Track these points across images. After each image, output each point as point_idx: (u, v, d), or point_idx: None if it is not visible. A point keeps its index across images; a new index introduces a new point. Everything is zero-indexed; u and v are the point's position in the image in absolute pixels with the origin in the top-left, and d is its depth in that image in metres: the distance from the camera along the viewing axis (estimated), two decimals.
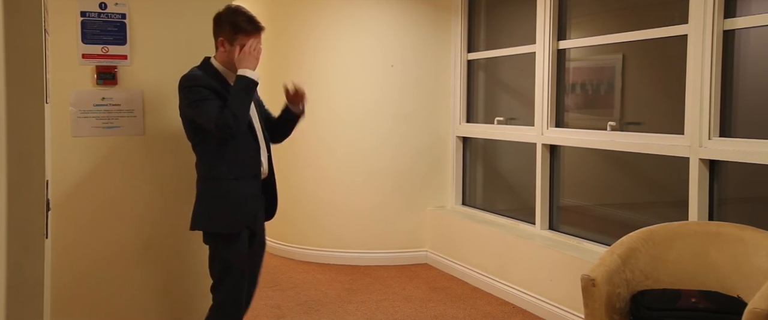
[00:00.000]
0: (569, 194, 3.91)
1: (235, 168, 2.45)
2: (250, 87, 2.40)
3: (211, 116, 2.33)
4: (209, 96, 2.38)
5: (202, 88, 2.38)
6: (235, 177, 2.46)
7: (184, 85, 2.42)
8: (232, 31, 2.43)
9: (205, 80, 2.41)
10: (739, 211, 2.88)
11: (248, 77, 2.40)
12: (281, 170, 5.03)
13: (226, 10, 2.47)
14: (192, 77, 2.43)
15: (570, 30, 3.83)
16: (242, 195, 2.47)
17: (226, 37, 2.45)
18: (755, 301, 1.97)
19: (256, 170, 2.51)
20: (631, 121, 3.53)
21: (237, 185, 2.46)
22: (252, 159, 2.50)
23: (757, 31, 2.77)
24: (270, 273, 4.53)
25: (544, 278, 3.67)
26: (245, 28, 2.43)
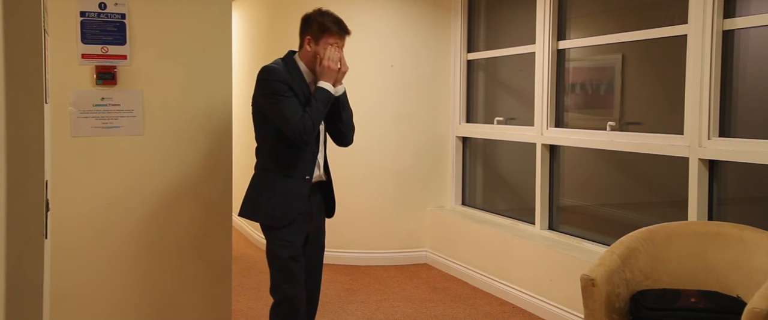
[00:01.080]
0: (569, 194, 3.91)
1: (289, 166, 2.48)
2: (329, 101, 2.44)
3: (287, 119, 2.35)
4: (288, 94, 2.38)
5: (282, 83, 2.39)
6: (288, 174, 2.48)
7: (265, 77, 2.42)
8: (319, 31, 2.48)
9: (285, 75, 2.42)
10: (738, 211, 2.88)
11: (328, 91, 2.44)
12: None
13: (316, 11, 2.53)
14: (274, 71, 2.42)
15: (570, 30, 3.83)
16: (291, 192, 2.48)
17: (313, 35, 2.49)
18: (755, 301, 1.97)
19: (309, 172, 2.51)
20: (630, 121, 3.53)
21: (287, 182, 2.48)
22: (307, 162, 2.50)
23: (756, 31, 2.77)
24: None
25: (543, 278, 3.67)
26: (331, 28, 2.47)
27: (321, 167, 2.57)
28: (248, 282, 4.31)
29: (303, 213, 2.51)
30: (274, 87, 2.38)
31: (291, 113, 2.35)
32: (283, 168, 2.48)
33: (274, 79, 2.40)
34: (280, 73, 2.41)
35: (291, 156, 2.47)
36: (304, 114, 2.36)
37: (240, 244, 5.44)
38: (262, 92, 2.44)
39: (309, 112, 2.37)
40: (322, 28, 2.47)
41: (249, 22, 5.62)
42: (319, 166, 2.56)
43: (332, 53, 2.45)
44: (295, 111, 2.36)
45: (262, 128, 2.52)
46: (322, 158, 2.57)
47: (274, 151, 2.49)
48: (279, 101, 2.37)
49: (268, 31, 5.17)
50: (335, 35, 2.48)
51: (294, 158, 2.47)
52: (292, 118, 2.34)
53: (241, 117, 5.65)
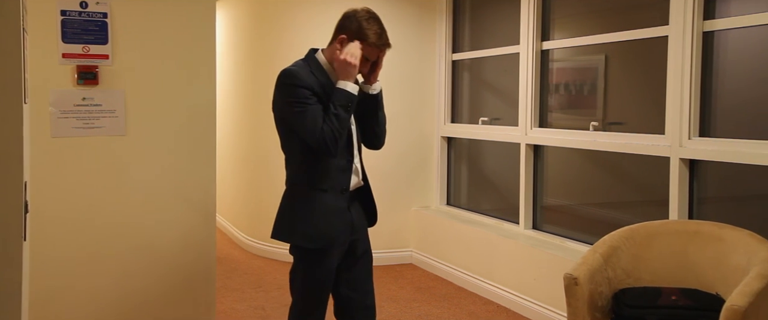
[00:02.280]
0: (553, 193, 3.94)
1: (322, 179, 2.18)
2: (351, 103, 2.13)
3: (310, 129, 2.08)
4: (311, 101, 2.10)
5: (304, 89, 2.11)
6: (323, 188, 2.18)
7: (286, 82, 2.14)
8: (356, 35, 2.18)
9: (308, 79, 2.14)
10: (718, 210, 2.92)
11: (348, 92, 2.13)
12: (265, 170, 5.04)
13: (363, 12, 2.22)
14: (295, 75, 2.14)
15: (553, 31, 3.86)
16: (328, 208, 2.18)
17: (349, 36, 2.18)
18: (733, 298, 2.00)
19: (346, 183, 2.22)
20: (613, 121, 3.56)
21: (323, 196, 2.17)
22: (342, 171, 2.21)
23: (735, 32, 2.81)
24: (254, 275, 4.51)
25: (527, 277, 3.70)
26: (369, 39, 2.17)
27: (359, 173, 2.29)
28: (232, 283, 4.29)
29: (343, 230, 2.22)
30: (296, 93, 2.10)
31: (314, 122, 2.08)
32: (316, 181, 2.18)
33: (296, 83, 2.11)
34: (303, 77, 2.13)
35: (323, 166, 2.17)
36: (325, 124, 2.08)
37: (224, 245, 5.41)
38: (282, 98, 2.16)
39: (329, 120, 2.08)
40: (361, 34, 2.17)
41: (233, 22, 5.59)
42: (357, 172, 2.28)
43: (352, 48, 2.14)
44: (316, 120, 2.09)
45: (288, 137, 2.22)
46: (358, 163, 2.29)
47: (303, 162, 2.19)
48: (302, 108, 2.09)
49: (253, 31, 5.15)
50: (371, 47, 2.17)
51: (327, 168, 2.17)
52: (316, 128, 2.07)
53: (226, 117, 5.62)
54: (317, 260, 2.18)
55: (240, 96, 5.39)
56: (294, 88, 2.11)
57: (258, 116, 5.09)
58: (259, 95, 5.06)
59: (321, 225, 2.17)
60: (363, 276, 2.34)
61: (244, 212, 5.38)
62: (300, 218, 2.18)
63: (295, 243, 2.21)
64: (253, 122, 5.15)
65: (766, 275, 2.11)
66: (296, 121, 2.11)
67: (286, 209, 2.22)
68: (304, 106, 2.10)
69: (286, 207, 2.23)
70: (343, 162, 2.21)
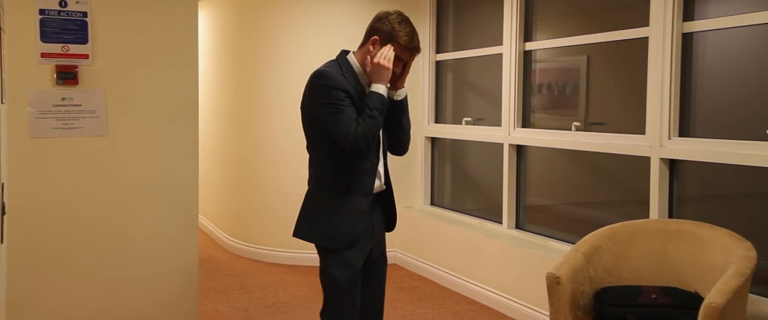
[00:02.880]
0: (535, 193, 3.96)
1: (347, 181, 2.20)
2: (384, 106, 2.15)
3: (344, 131, 2.07)
4: (345, 104, 2.10)
5: (338, 91, 2.10)
6: (346, 190, 2.20)
7: (319, 83, 2.14)
8: (389, 37, 2.17)
9: (341, 81, 2.13)
10: (697, 209, 2.95)
11: (381, 95, 2.14)
12: (248, 171, 5.01)
13: (395, 14, 2.21)
14: (328, 76, 2.13)
15: (536, 32, 3.89)
16: (351, 210, 2.20)
17: (382, 38, 2.18)
18: (712, 296, 2.03)
19: (369, 186, 2.23)
20: (595, 121, 3.59)
21: (347, 198, 2.20)
22: (367, 174, 2.22)
23: (713, 34, 2.85)
24: (237, 276, 4.48)
25: (510, 276, 3.71)
26: (401, 40, 2.16)
27: (382, 177, 2.30)
28: (215, 284, 4.27)
29: (365, 232, 2.25)
30: (330, 95, 2.10)
31: (348, 124, 2.08)
32: (341, 182, 2.20)
33: (330, 85, 2.11)
34: (337, 79, 2.13)
35: (349, 168, 2.18)
36: (358, 125, 2.08)
37: (207, 246, 5.38)
38: (316, 100, 2.15)
39: (363, 122, 2.09)
40: (393, 36, 2.16)
41: (216, 21, 5.56)
42: (380, 177, 2.29)
43: (387, 51, 2.15)
44: (351, 122, 2.09)
45: (315, 137, 2.22)
46: (382, 167, 2.30)
47: (329, 163, 2.20)
48: (336, 110, 2.09)
49: (236, 31, 5.12)
50: (403, 50, 2.17)
51: (353, 170, 2.19)
52: (349, 130, 2.07)
53: (209, 118, 5.59)
54: (339, 260, 2.20)
55: (224, 96, 5.36)
56: (328, 89, 2.11)
57: (242, 117, 5.06)
58: (244, 95, 5.03)
59: (343, 226, 2.19)
60: (378, 279, 2.39)
61: (228, 213, 5.35)
62: (323, 219, 2.21)
63: (316, 243, 2.24)
64: (237, 122, 5.13)
65: (743, 273, 2.14)
66: (330, 122, 2.11)
67: (309, 208, 2.25)
68: (339, 107, 2.09)
69: (309, 206, 2.25)
70: (369, 165, 2.21)
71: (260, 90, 4.88)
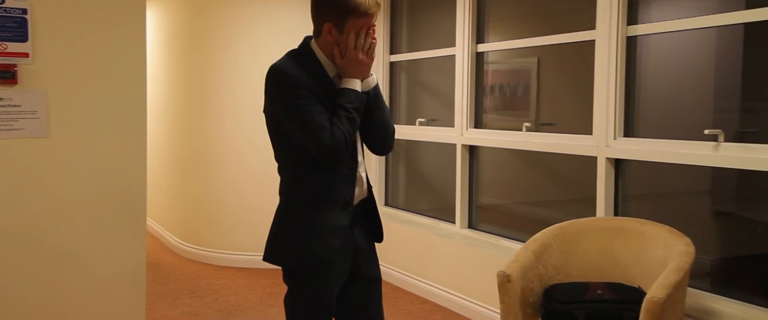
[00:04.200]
0: (488, 193, 4.02)
1: (322, 191, 1.88)
2: (362, 104, 1.86)
3: (313, 135, 1.77)
4: (310, 101, 1.79)
5: (300, 87, 1.80)
6: (322, 202, 1.87)
7: (276, 79, 1.83)
8: (341, 13, 1.82)
9: (301, 77, 1.81)
10: (640, 207, 3.05)
11: (356, 92, 1.84)
12: (200, 173, 4.92)
13: None
14: (286, 73, 1.82)
15: (488, 33, 3.94)
16: (326, 225, 1.87)
17: (334, 21, 1.83)
18: (653, 291, 2.10)
19: (348, 195, 1.90)
20: (545, 122, 3.67)
21: (322, 213, 1.87)
22: (345, 181, 1.90)
23: (655, 37, 2.95)
24: (187, 280, 4.39)
25: (463, 276, 3.76)
26: (359, 7, 1.80)
27: (363, 183, 1.97)
28: (164, 289, 4.17)
29: (344, 251, 1.90)
30: (290, 93, 1.80)
31: (317, 126, 1.77)
32: (314, 192, 1.87)
33: (289, 82, 1.80)
34: (296, 74, 1.81)
35: (323, 176, 1.86)
36: (333, 127, 1.77)
37: (156, 250, 5.25)
38: (274, 100, 1.86)
39: (341, 124, 1.78)
40: (346, 8, 1.80)
41: (165, 20, 5.43)
42: (361, 183, 1.95)
43: (363, 41, 1.84)
44: (322, 124, 1.77)
45: (281, 142, 1.92)
46: (363, 171, 1.98)
47: (299, 172, 1.89)
48: (299, 111, 1.78)
49: (187, 31, 5.02)
50: (365, 16, 1.82)
51: (328, 178, 1.86)
52: (320, 133, 1.76)
53: (159, 119, 5.46)
54: (312, 285, 1.87)
55: (174, 96, 5.24)
56: (288, 87, 1.81)
57: (193, 118, 4.96)
58: (195, 96, 4.94)
59: (315, 245, 1.86)
60: (368, 303, 2.03)
61: (178, 216, 5.24)
62: (293, 237, 1.88)
63: (286, 266, 1.90)
64: (188, 123, 5.02)
65: (682, 268, 2.22)
66: (295, 125, 1.81)
67: (279, 227, 1.93)
68: (305, 107, 1.78)
69: (278, 225, 1.93)
70: (346, 171, 1.89)
71: (213, 90, 4.80)
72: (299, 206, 1.89)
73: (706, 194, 2.95)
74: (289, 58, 1.90)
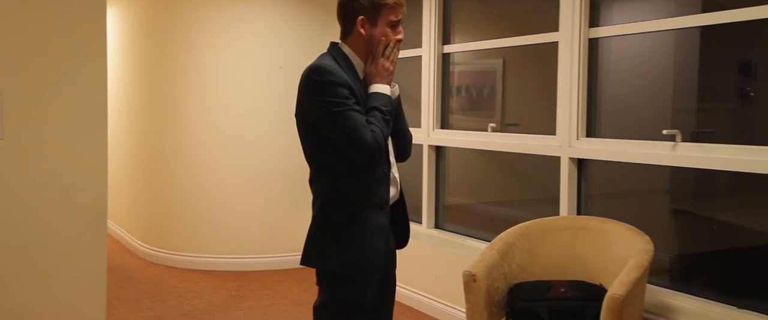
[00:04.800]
0: (454, 193, 4.05)
1: (362, 193, 1.88)
2: (393, 107, 1.91)
3: (357, 137, 1.77)
4: (352, 103, 1.80)
5: (342, 87, 1.79)
6: (363, 204, 1.88)
7: (319, 79, 1.80)
8: (373, 6, 1.87)
9: (344, 76, 1.82)
10: (602, 205, 3.11)
11: (388, 96, 1.88)
12: (164, 175, 4.83)
13: None
14: (328, 70, 1.81)
15: (454, 35, 3.97)
16: (371, 228, 1.88)
17: (368, 14, 1.87)
18: (614, 288, 2.14)
19: (385, 196, 1.92)
20: (510, 122, 3.71)
21: (364, 214, 1.88)
22: (382, 182, 1.91)
23: (617, 40, 3.01)
24: (150, 284, 4.31)
25: (429, 275, 3.77)
26: (389, 1, 1.88)
27: (397, 184, 2.00)
28: (126, 293, 4.08)
29: (385, 253, 1.94)
30: (334, 93, 1.78)
31: (359, 126, 1.77)
32: (353, 194, 1.88)
33: (332, 81, 1.79)
34: (340, 75, 1.81)
35: (362, 178, 1.87)
36: (372, 127, 1.79)
37: (118, 254, 5.13)
38: (315, 99, 1.82)
39: (377, 124, 1.80)
40: (377, 2, 1.87)
41: (127, 19, 5.32)
42: (395, 183, 1.99)
43: (394, 53, 1.91)
44: (363, 123, 1.79)
45: (318, 147, 1.89)
46: (396, 172, 2.01)
47: (337, 174, 1.88)
48: (343, 111, 1.78)
49: (151, 29, 4.93)
50: (397, 6, 1.90)
51: (366, 180, 1.87)
52: (362, 133, 1.77)
53: (121, 119, 5.34)
54: (357, 290, 1.86)
55: (137, 96, 5.14)
56: (331, 86, 1.78)
57: (157, 118, 4.87)
58: (159, 96, 4.85)
59: (362, 248, 1.86)
60: (387, 310, 2.08)
61: (140, 219, 5.13)
62: (336, 240, 1.87)
63: (330, 269, 1.88)
64: (152, 124, 4.93)
65: (641, 265, 2.27)
66: (337, 126, 1.79)
67: (320, 230, 1.90)
68: (348, 108, 1.78)
69: (319, 228, 1.90)
70: (381, 173, 1.90)
71: (178, 89, 4.72)
72: (340, 208, 1.89)
73: (665, 193, 3.02)
74: (326, 58, 1.90)
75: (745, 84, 2.66)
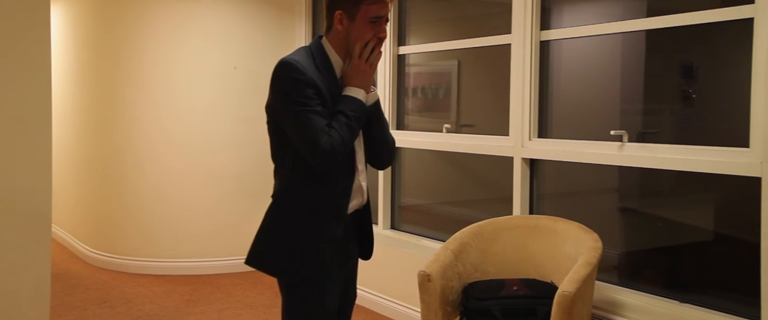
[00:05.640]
0: (410, 193, 4.06)
1: (315, 199, 1.80)
2: (364, 114, 1.80)
3: (311, 139, 1.69)
4: (314, 102, 1.71)
5: (308, 86, 1.71)
6: (315, 209, 1.80)
7: (285, 75, 1.73)
8: (353, 1, 1.76)
9: (312, 74, 1.73)
10: (554, 205, 3.17)
11: (359, 101, 1.77)
12: (113, 177, 4.69)
13: None
14: (295, 67, 1.72)
15: (409, 36, 3.99)
16: (325, 233, 1.80)
17: (346, 9, 1.77)
18: (564, 285, 2.19)
19: (343, 206, 1.83)
20: (464, 123, 3.75)
21: (314, 221, 1.80)
22: (341, 191, 1.82)
23: (567, 42, 3.08)
24: (98, 290, 4.18)
25: (385, 276, 3.78)
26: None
27: (363, 193, 1.91)
28: (72, 300, 3.94)
29: (338, 261, 1.87)
30: (298, 91, 1.70)
31: (316, 128, 1.69)
32: (308, 201, 1.80)
33: (298, 79, 1.71)
34: (306, 72, 1.72)
35: (318, 184, 1.78)
36: (331, 131, 1.70)
37: (63, 259, 4.96)
38: (278, 95, 1.76)
39: (340, 129, 1.72)
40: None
41: (73, 17, 5.15)
42: (361, 193, 1.89)
43: (373, 55, 1.80)
44: (321, 126, 1.70)
45: (280, 143, 1.83)
46: (364, 181, 1.91)
47: (295, 177, 1.80)
48: (303, 112, 1.70)
49: (99, 28, 4.78)
50: (379, 4, 1.77)
51: (323, 186, 1.79)
52: (318, 136, 1.68)
53: (66, 120, 5.16)
54: (313, 298, 1.80)
55: (83, 98, 4.97)
56: (295, 83, 1.71)
57: (106, 119, 4.73)
58: (109, 97, 4.71)
59: (315, 253, 1.80)
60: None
61: (88, 223, 4.97)
62: (283, 243, 1.81)
63: (278, 276, 1.84)
64: (100, 124, 4.78)
65: (590, 262, 2.32)
66: (294, 125, 1.72)
67: (269, 231, 1.83)
68: (306, 107, 1.70)
69: (268, 231, 1.83)
70: (342, 180, 1.82)
71: (127, 90, 4.59)
72: (292, 211, 1.81)
73: (614, 192, 3.11)
74: (300, 53, 1.81)
75: (687, 86, 2.76)
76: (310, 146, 1.70)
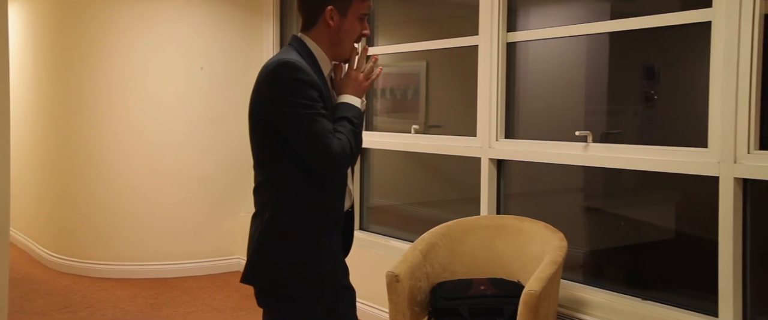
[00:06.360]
0: (379, 194, 4.06)
1: (316, 206, 1.71)
2: (362, 121, 1.76)
3: (323, 146, 1.60)
4: (320, 107, 1.63)
5: (313, 89, 1.62)
6: (317, 218, 1.72)
7: (287, 76, 1.61)
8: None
9: (314, 76, 1.64)
10: (520, 204, 3.21)
11: (359, 109, 1.73)
12: (74, 180, 4.58)
13: None
14: (301, 69, 1.62)
15: (378, 37, 3.99)
16: (327, 243, 1.75)
17: (338, 5, 1.70)
18: (530, 284, 2.21)
19: (340, 210, 1.77)
20: (433, 124, 3.77)
21: (316, 231, 1.72)
22: (339, 196, 1.76)
23: (532, 44, 3.12)
24: (59, 295, 4.07)
25: (354, 277, 3.73)
26: None
27: (352, 195, 1.86)
28: (31, 306, 3.83)
29: (338, 270, 1.85)
30: (303, 94, 1.60)
31: (326, 132, 1.61)
32: (309, 208, 1.71)
33: (303, 80, 1.61)
34: (309, 73, 1.62)
35: (318, 190, 1.70)
36: (340, 136, 1.63)
37: (23, 264, 4.82)
38: (282, 99, 1.62)
39: (346, 135, 1.65)
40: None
41: (34, 16, 5.01)
42: (350, 194, 1.84)
43: (367, 67, 1.77)
44: (331, 130, 1.63)
45: (277, 153, 1.68)
46: (351, 182, 1.86)
47: (294, 183, 1.69)
48: (310, 115, 1.60)
49: (59, 30, 4.67)
50: (367, 1, 1.74)
51: (323, 192, 1.71)
52: (329, 141, 1.60)
53: (25, 122, 5.01)
54: (304, 309, 1.72)
55: (44, 98, 4.84)
56: (300, 85, 1.60)
57: (67, 122, 4.62)
58: (69, 99, 4.59)
59: (322, 265, 1.72)
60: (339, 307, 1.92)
61: (48, 226, 4.84)
62: (285, 258, 1.69)
63: (289, 294, 1.72)
64: (59, 125, 4.66)
65: (556, 261, 2.35)
66: (300, 129, 1.61)
67: (265, 245, 1.71)
68: (313, 110, 1.60)
69: (264, 243, 1.71)
70: (340, 185, 1.76)
71: (89, 90, 4.49)
72: (292, 222, 1.70)
73: (579, 192, 3.16)
74: (290, 53, 1.69)
75: (649, 87, 2.83)
76: (322, 152, 1.61)
